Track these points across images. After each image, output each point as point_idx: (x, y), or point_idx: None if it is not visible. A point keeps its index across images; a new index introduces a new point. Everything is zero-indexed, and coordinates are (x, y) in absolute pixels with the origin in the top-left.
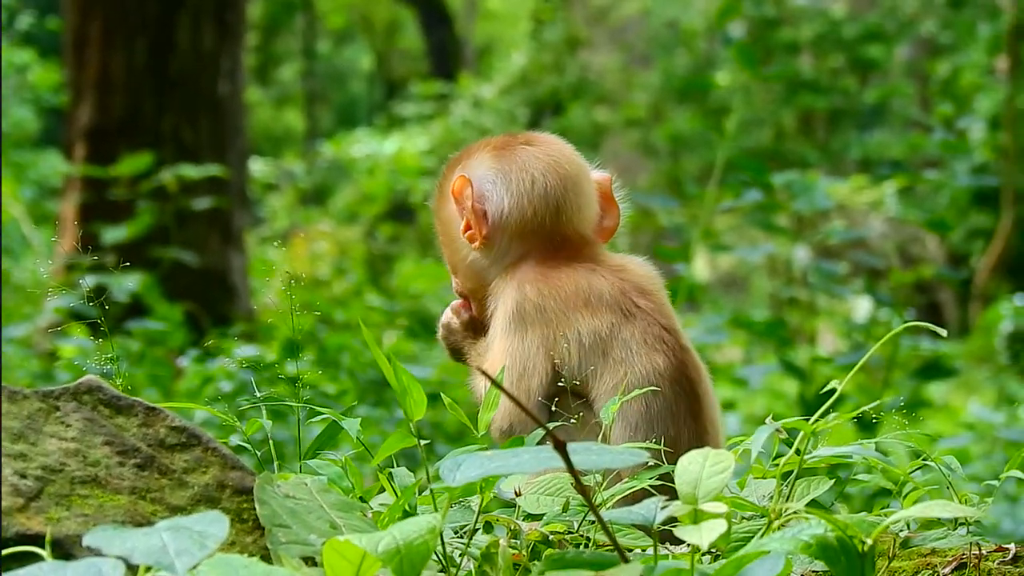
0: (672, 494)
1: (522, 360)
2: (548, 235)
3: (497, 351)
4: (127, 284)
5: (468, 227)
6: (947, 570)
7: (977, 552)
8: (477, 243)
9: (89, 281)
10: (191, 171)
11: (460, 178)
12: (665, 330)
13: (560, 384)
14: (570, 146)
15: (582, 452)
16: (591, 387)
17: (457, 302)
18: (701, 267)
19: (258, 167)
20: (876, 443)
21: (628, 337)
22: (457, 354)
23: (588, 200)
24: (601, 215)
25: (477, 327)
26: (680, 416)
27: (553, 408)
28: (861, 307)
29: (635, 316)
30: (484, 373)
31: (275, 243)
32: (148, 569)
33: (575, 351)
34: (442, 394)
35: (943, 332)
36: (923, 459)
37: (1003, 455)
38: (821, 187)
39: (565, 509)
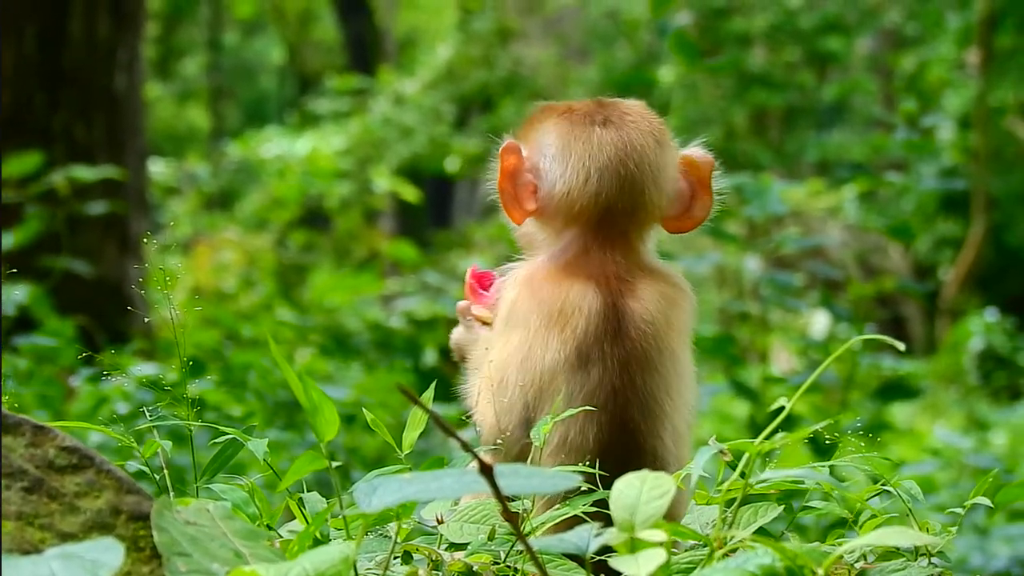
0: (608, 521)
1: (501, 370)
2: (597, 222)
3: (495, 355)
4: (14, 296)
5: (512, 199)
6: None
7: None
8: (516, 217)
9: None
10: (85, 172)
11: (509, 144)
12: (616, 392)
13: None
14: (656, 120)
15: (509, 475)
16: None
17: (462, 303)
18: None
19: (158, 169)
20: (831, 467)
21: (575, 391)
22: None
23: (659, 190)
24: (690, 202)
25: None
26: None
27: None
28: (818, 322)
29: (594, 366)
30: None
31: (177, 252)
32: None
33: (538, 376)
34: (364, 410)
35: (900, 345)
36: (882, 485)
37: (971, 483)
38: (774, 191)
39: (491, 538)
